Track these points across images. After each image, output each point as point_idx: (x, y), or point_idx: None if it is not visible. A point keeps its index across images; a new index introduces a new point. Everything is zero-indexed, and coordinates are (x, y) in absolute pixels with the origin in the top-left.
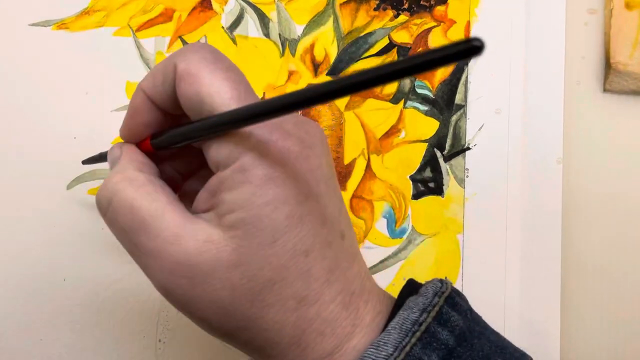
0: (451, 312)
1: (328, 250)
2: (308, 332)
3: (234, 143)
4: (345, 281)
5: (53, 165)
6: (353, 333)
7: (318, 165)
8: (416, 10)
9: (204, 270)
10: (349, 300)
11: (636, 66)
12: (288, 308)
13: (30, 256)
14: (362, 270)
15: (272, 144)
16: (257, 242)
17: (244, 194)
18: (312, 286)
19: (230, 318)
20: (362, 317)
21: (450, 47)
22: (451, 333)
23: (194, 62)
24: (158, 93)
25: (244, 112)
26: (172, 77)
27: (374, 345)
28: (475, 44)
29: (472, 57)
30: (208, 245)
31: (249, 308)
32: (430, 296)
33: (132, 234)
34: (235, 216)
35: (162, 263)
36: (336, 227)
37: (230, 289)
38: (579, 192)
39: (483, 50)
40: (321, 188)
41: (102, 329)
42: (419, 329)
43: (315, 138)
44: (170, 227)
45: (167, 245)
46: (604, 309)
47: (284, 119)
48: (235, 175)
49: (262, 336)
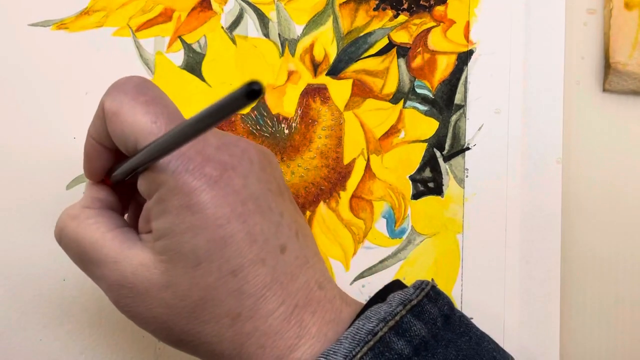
0: (413, 322)
1: (261, 268)
2: (247, 345)
3: (153, 176)
4: (285, 295)
5: (53, 165)
6: (297, 345)
7: (242, 185)
8: (415, 10)
9: (141, 291)
10: (291, 312)
11: (636, 66)
12: (223, 325)
13: (30, 256)
14: (311, 281)
15: (188, 173)
16: (181, 265)
17: (165, 223)
18: (245, 303)
19: (172, 331)
20: (308, 328)
21: (230, 95)
22: (408, 343)
23: (116, 100)
24: (102, 135)
25: (153, 148)
26: (103, 118)
27: (324, 354)
28: (254, 87)
29: (253, 101)
30: (141, 269)
31: (185, 324)
32: (395, 305)
33: (81, 263)
34: (161, 243)
35: (107, 285)
36: (271, 243)
37: (166, 307)
38: (578, 192)
39: (262, 94)
40: (248, 207)
41: (102, 329)
42: (372, 339)
43: (238, 158)
44: (109, 254)
45: (108, 271)
46: (604, 308)
47: (206, 144)
48: (156, 206)
49: (205, 348)
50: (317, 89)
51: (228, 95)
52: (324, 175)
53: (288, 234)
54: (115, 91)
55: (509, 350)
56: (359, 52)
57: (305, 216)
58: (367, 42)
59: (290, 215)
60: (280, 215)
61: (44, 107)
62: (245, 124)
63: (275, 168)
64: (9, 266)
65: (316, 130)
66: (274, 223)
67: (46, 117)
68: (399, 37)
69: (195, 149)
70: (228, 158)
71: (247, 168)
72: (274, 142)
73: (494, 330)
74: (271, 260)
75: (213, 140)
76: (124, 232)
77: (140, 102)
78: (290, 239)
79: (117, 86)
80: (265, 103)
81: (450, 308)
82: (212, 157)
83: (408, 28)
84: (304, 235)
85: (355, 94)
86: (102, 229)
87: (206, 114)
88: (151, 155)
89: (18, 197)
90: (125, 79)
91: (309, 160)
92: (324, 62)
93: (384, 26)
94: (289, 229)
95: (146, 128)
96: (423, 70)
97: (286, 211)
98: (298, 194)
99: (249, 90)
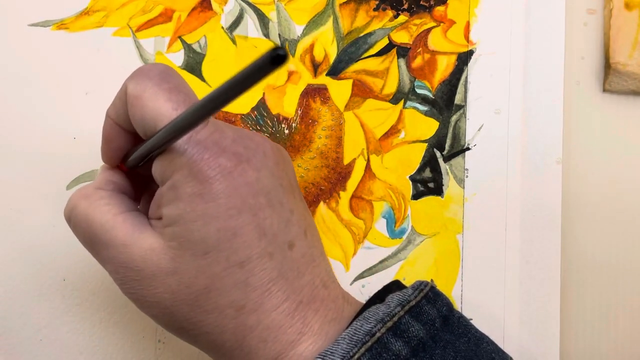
0: (411, 323)
1: (268, 262)
2: (249, 338)
3: (168, 161)
4: (290, 291)
5: (53, 165)
6: (299, 341)
7: (255, 178)
8: (416, 11)
9: (148, 275)
10: (295, 308)
11: (636, 66)
12: (226, 315)
13: (30, 256)
14: (316, 279)
15: (203, 162)
16: (190, 253)
17: (176, 209)
18: (250, 295)
19: (174, 318)
20: (310, 326)
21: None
22: (406, 344)
23: (140, 84)
24: (121, 117)
25: (173, 125)
26: (125, 101)
27: (321, 355)
28: (280, 52)
29: (278, 67)
30: (150, 254)
31: (188, 312)
32: (393, 306)
33: (89, 244)
34: (171, 230)
35: (115, 267)
36: (280, 238)
37: (171, 293)
38: (578, 192)
39: (287, 59)
40: (259, 200)
41: (102, 329)
42: (370, 340)
43: (253, 151)
44: (119, 236)
45: (117, 253)
46: (604, 308)
47: (223, 135)
48: (169, 192)
49: (205, 338)
50: (317, 89)
51: (252, 63)
52: (324, 176)
53: (297, 231)
54: (139, 76)
55: (508, 350)
56: (359, 52)
57: None
58: (367, 42)
59: (300, 213)
60: (290, 212)
61: (44, 107)
62: (246, 124)
63: (288, 165)
64: (9, 266)
65: (316, 131)
66: (283, 219)
67: (46, 117)
68: (399, 38)
69: (212, 139)
70: (243, 150)
71: (261, 162)
72: (274, 142)
73: (494, 331)
74: (279, 255)
75: (229, 133)
76: (134, 216)
77: (164, 88)
78: (298, 236)
79: (142, 71)
80: (265, 103)
81: (449, 309)
82: (227, 148)
83: (408, 28)
84: (312, 234)
85: (355, 94)
86: (114, 210)
87: (230, 85)
88: (167, 136)
89: (18, 197)
90: (151, 65)
91: (309, 160)
92: (324, 63)
93: (384, 26)
94: (298, 226)
95: (167, 114)
96: (423, 71)
97: (296, 209)
98: None
99: (274, 55)
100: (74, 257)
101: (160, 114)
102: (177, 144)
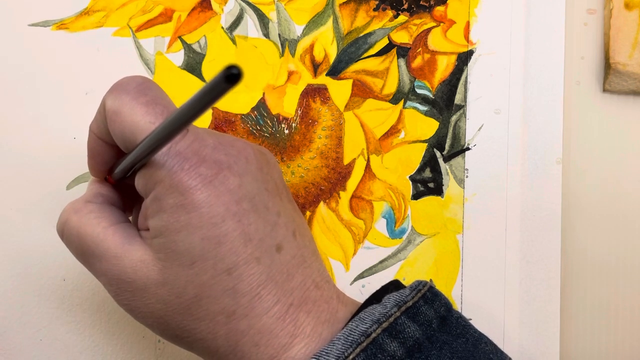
0: (407, 323)
1: (255, 266)
2: (241, 343)
3: (150, 175)
4: (280, 294)
5: (53, 165)
6: (291, 344)
7: (238, 184)
8: (416, 11)
9: (139, 286)
10: (286, 311)
11: (636, 66)
12: (218, 322)
13: (30, 256)
14: (307, 280)
15: (183, 172)
16: (177, 264)
17: (160, 221)
18: (240, 301)
19: (168, 327)
20: (303, 328)
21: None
22: (402, 345)
23: (118, 99)
24: (103, 132)
25: (147, 142)
26: (105, 116)
27: (316, 355)
28: (233, 71)
29: (233, 85)
30: (140, 265)
31: (181, 320)
32: (389, 306)
33: (83, 257)
34: (158, 241)
35: (107, 279)
36: (267, 242)
37: (163, 303)
38: (578, 192)
39: (241, 77)
40: (243, 206)
41: (102, 329)
42: (365, 340)
43: (235, 158)
44: (110, 249)
45: (109, 265)
46: (604, 309)
47: (202, 144)
48: (152, 204)
49: (200, 345)
50: (317, 89)
51: (209, 82)
52: (324, 176)
53: (285, 233)
54: (117, 90)
55: (508, 350)
56: (359, 52)
57: (305, 216)
58: (367, 42)
59: (288, 214)
60: (277, 215)
61: (44, 107)
62: (245, 124)
63: (273, 168)
64: (9, 266)
65: (316, 131)
66: (269, 222)
67: (46, 117)
68: (399, 38)
69: (191, 149)
70: (224, 157)
71: (243, 167)
72: (274, 142)
73: (494, 331)
74: (266, 259)
75: (210, 140)
76: (124, 228)
77: (141, 102)
78: (286, 239)
79: (120, 85)
80: (265, 103)
81: (447, 309)
82: (208, 157)
83: (408, 28)
84: (302, 234)
85: (355, 94)
86: (104, 223)
87: (191, 103)
88: (146, 150)
89: (18, 197)
90: (128, 79)
91: (309, 160)
92: (324, 63)
93: (384, 26)
94: (285, 229)
95: (145, 127)
96: (423, 71)
97: (283, 211)
98: (298, 194)
99: (227, 74)
100: (74, 257)
101: (139, 128)
102: (157, 157)
